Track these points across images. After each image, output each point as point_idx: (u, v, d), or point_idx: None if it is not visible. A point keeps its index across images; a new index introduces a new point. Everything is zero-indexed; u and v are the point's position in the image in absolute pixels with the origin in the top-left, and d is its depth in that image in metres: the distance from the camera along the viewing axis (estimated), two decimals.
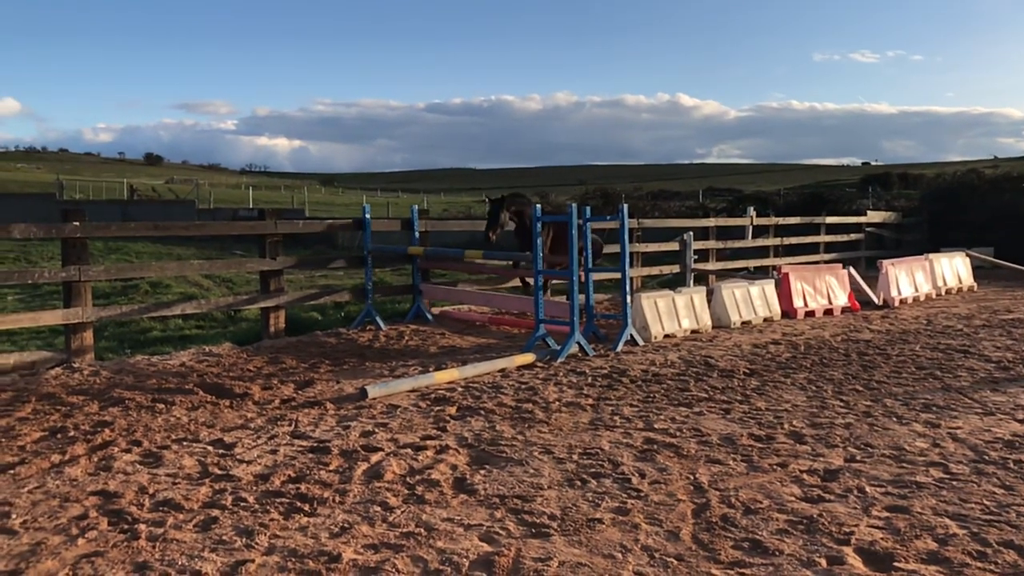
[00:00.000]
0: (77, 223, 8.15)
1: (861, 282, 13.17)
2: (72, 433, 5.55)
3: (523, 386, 7.06)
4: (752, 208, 21.01)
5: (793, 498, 4.28)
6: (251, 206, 43.64)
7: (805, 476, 4.63)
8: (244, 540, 3.72)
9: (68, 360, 7.96)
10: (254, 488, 4.45)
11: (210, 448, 5.20)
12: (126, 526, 3.90)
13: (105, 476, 4.64)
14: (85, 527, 3.88)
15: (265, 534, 3.79)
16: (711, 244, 16.15)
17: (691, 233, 14.46)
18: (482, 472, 4.72)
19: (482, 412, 6.15)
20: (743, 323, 10.93)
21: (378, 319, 10.40)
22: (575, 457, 4.99)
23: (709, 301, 10.83)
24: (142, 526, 3.89)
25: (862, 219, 21.40)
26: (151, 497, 4.30)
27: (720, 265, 16.30)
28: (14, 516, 4.01)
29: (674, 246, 14.62)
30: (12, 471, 4.72)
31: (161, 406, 6.33)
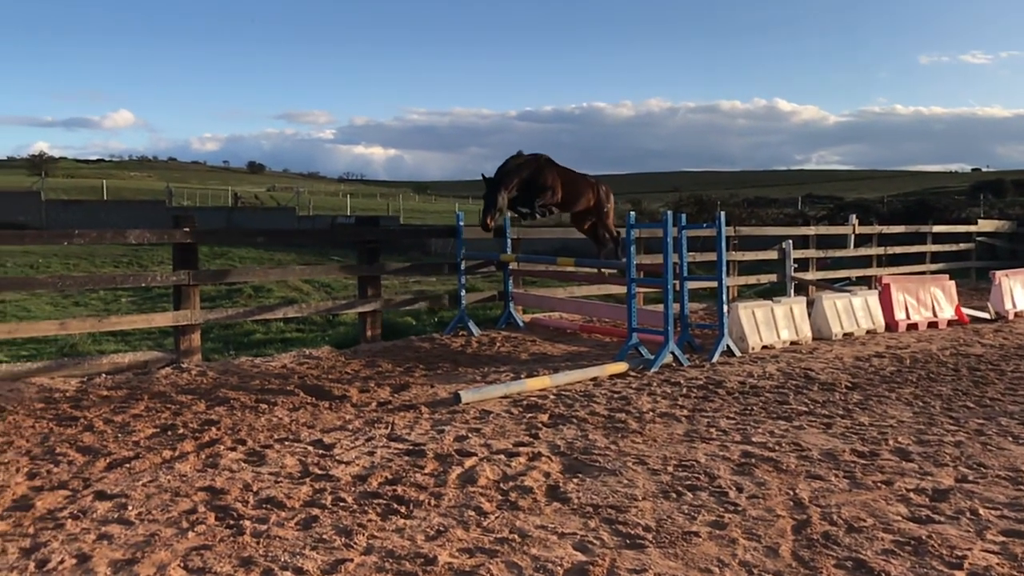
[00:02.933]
0: (187, 229, 8.53)
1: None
2: (181, 431, 5.80)
3: (616, 395, 7.01)
4: (854, 216, 20.33)
5: (900, 517, 4.11)
6: (348, 213, 44.79)
7: (912, 495, 4.45)
8: (343, 539, 3.81)
9: (177, 360, 8.33)
10: (352, 489, 4.55)
11: (310, 448, 5.35)
12: (232, 521, 4.05)
13: (212, 473, 4.83)
14: (194, 521, 4.05)
15: (363, 534, 3.88)
16: (811, 253, 15.69)
17: (790, 241, 14.09)
18: (575, 481, 4.70)
19: (574, 420, 6.13)
20: (845, 335, 10.57)
21: (471, 325, 10.51)
22: (670, 469, 4.93)
23: (809, 312, 10.52)
24: (247, 522, 4.03)
25: (972, 228, 20.43)
26: (255, 494, 4.45)
27: (820, 275, 15.82)
28: (130, 508, 4.22)
29: (772, 255, 14.27)
30: (128, 465, 4.96)
31: (264, 406, 6.55)
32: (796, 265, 14.34)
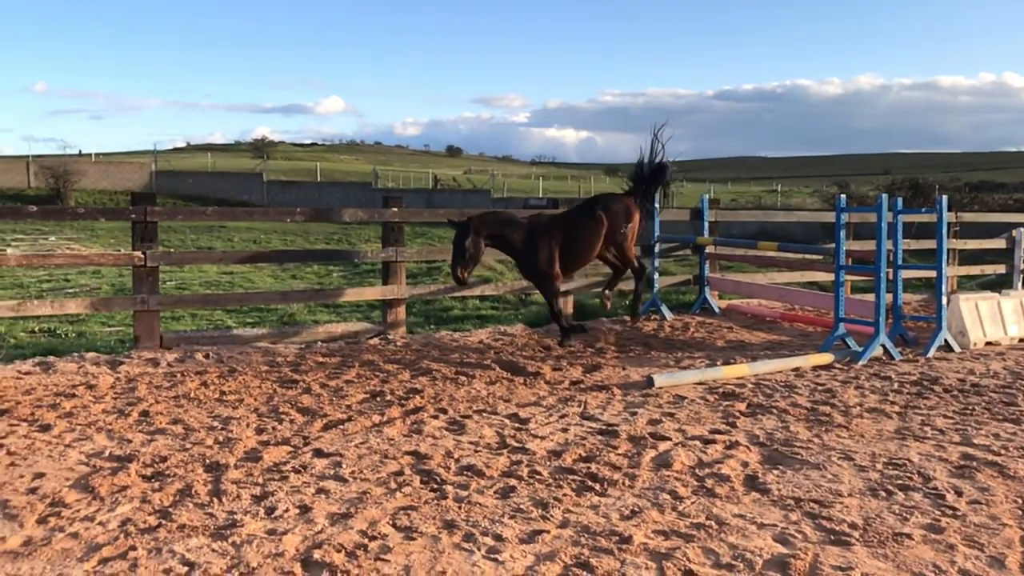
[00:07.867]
0: (396, 209, 8.99)
1: None
2: (388, 397, 6.16)
3: (819, 387, 6.69)
4: None
5: None
6: (540, 195, 45.49)
7: None
8: (539, 511, 3.90)
9: (384, 332, 8.83)
10: (547, 463, 4.65)
11: (507, 421, 5.51)
12: (435, 486, 4.26)
13: (417, 438, 5.09)
14: (401, 483, 4.29)
15: (559, 508, 3.95)
16: None
17: (1021, 230, 12.79)
18: (775, 472, 4.55)
19: (774, 411, 5.92)
20: None
21: (663, 309, 10.38)
22: (879, 466, 4.65)
23: None
24: (449, 487, 4.22)
25: None
26: (456, 462, 4.65)
27: None
28: (344, 466, 4.54)
29: (999, 243, 13.02)
30: (342, 427, 5.34)
31: (463, 378, 6.81)
32: None
